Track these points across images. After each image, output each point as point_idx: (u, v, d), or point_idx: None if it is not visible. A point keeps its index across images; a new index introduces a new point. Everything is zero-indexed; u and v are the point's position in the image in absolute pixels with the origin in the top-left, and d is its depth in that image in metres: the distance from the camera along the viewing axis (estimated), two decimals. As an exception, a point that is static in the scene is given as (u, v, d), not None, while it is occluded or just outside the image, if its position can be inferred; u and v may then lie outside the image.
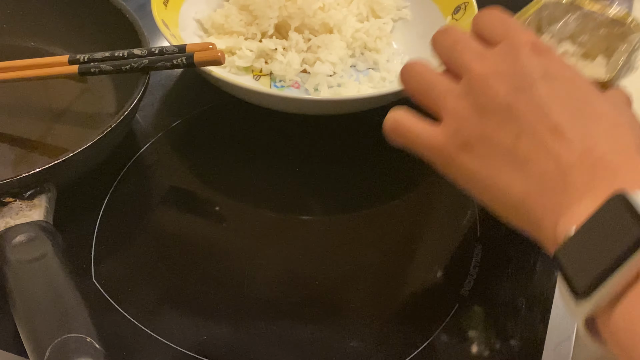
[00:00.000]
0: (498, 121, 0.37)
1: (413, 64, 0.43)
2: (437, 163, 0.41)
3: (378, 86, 0.64)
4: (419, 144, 0.41)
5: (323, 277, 0.50)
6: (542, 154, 0.35)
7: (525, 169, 0.36)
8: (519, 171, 0.36)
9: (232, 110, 0.62)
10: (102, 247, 0.51)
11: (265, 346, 0.46)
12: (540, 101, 0.37)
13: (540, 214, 0.35)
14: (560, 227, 0.33)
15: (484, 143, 0.38)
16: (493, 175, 0.37)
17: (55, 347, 0.37)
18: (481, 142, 0.38)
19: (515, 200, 0.36)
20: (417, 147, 0.41)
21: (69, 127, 0.59)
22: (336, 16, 0.66)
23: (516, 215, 0.37)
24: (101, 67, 0.54)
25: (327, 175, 0.58)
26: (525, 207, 0.36)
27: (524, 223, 0.37)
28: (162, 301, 0.48)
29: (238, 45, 0.65)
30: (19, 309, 0.40)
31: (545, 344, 0.47)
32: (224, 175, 0.58)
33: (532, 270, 0.51)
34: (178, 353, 0.45)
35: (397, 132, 0.42)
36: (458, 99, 0.39)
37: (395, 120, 0.42)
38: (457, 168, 0.39)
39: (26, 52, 0.64)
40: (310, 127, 0.61)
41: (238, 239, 0.53)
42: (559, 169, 0.35)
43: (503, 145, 0.37)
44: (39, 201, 0.46)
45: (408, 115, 0.42)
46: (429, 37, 0.67)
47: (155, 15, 0.61)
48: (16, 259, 0.42)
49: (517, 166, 0.36)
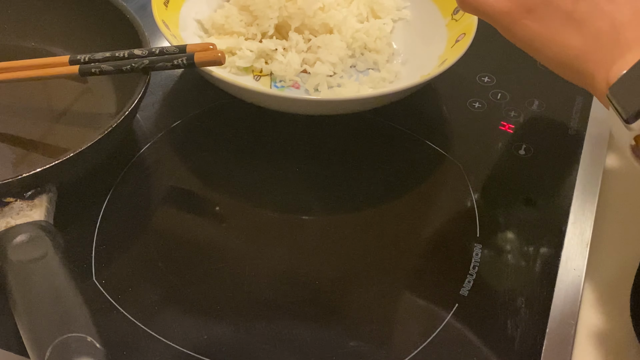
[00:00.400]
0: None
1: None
2: (501, 26, 0.45)
3: (378, 86, 0.64)
4: (487, 8, 0.45)
5: (323, 277, 0.50)
6: (598, 14, 0.41)
7: (582, 29, 0.41)
8: (577, 31, 0.41)
9: (232, 110, 0.62)
10: (103, 247, 0.51)
11: (265, 346, 0.46)
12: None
13: (593, 67, 0.41)
14: (613, 73, 0.39)
15: (546, 7, 0.42)
16: (553, 35, 0.43)
17: (55, 346, 0.37)
18: (544, 6, 0.43)
19: (572, 56, 0.42)
20: (485, 11, 0.45)
21: (70, 127, 0.59)
22: (336, 16, 0.66)
23: (572, 71, 0.43)
24: (102, 68, 0.54)
25: (327, 175, 0.58)
26: (581, 62, 0.41)
27: (579, 77, 0.42)
28: (162, 301, 0.48)
29: (238, 45, 0.65)
30: (19, 308, 0.40)
31: (545, 343, 0.47)
32: (224, 175, 0.58)
33: (532, 270, 0.51)
34: (178, 352, 0.45)
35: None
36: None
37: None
38: (520, 30, 0.44)
39: (27, 52, 0.64)
40: (311, 127, 0.61)
41: (238, 239, 0.53)
42: (613, 27, 0.40)
43: (563, 8, 0.42)
44: (40, 201, 0.46)
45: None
46: (429, 37, 0.68)
47: (155, 15, 0.61)
48: (17, 259, 0.42)
49: (576, 26, 0.41)
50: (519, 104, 0.66)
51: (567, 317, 0.48)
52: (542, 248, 0.53)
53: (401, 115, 0.63)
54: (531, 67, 0.71)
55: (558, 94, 0.68)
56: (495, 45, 0.74)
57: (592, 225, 0.55)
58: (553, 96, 0.67)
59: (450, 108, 0.66)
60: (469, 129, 0.63)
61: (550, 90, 0.68)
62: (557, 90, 0.68)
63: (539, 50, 0.44)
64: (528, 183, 0.58)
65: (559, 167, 0.60)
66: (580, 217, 0.55)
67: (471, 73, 0.69)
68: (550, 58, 0.44)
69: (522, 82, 0.69)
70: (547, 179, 0.59)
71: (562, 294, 0.50)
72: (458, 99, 0.66)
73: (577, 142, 0.62)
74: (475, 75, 0.69)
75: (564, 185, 0.58)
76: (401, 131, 0.62)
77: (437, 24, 0.68)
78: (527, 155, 0.61)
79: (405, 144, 0.61)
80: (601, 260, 0.53)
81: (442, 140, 0.61)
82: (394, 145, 0.61)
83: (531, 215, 0.55)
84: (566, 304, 0.49)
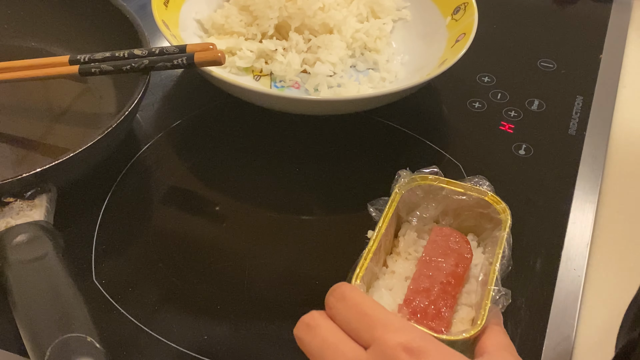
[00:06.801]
0: None
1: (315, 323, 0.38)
2: None
3: (378, 86, 0.64)
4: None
5: (323, 277, 0.50)
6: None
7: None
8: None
9: (232, 110, 0.62)
10: (103, 247, 0.51)
11: (265, 346, 0.46)
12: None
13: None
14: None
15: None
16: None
17: (55, 346, 0.37)
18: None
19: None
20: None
21: (70, 127, 0.59)
22: (336, 16, 0.66)
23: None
24: (102, 67, 0.54)
25: (327, 175, 0.58)
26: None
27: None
28: (162, 301, 0.48)
29: (238, 45, 0.65)
30: (19, 308, 0.40)
31: (545, 343, 0.47)
32: (224, 175, 0.58)
33: (532, 270, 0.51)
34: (178, 352, 0.45)
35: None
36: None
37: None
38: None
39: (27, 52, 0.64)
40: (310, 127, 0.61)
41: (238, 239, 0.53)
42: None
43: None
44: (40, 201, 0.46)
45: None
46: (429, 37, 0.68)
47: (155, 15, 0.61)
48: (17, 259, 0.42)
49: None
50: (519, 104, 0.66)
51: (567, 317, 0.48)
52: (542, 248, 0.53)
53: (401, 115, 0.63)
54: (531, 67, 0.71)
55: (558, 94, 0.68)
56: (495, 45, 0.74)
57: (592, 225, 0.55)
58: (553, 96, 0.67)
59: (450, 108, 0.66)
60: (469, 129, 0.63)
61: (550, 90, 0.68)
62: (557, 90, 0.68)
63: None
64: (528, 183, 0.58)
65: (559, 167, 0.60)
66: (580, 217, 0.55)
67: (471, 73, 0.69)
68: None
69: (522, 82, 0.69)
70: (547, 179, 0.59)
71: (562, 294, 0.50)
72: (458, 99, 0.66)
73: (577, 142, 0.62)
74: (475, 75, 0.69)
75: (564, 185, 0.58)
76: (401, 131, 0.62)
77: (437, 24, 0.68)
78: (527, 155, 0.61)
79: (405, 144, 0.61)
80: (601, 260, 0.53)
81: (442, 140, 0.61)
82: (394, 145, 0.61)
83: (531, 215, 0.55)
84: (566, 304, 0.49)
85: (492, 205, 0.46)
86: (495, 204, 0.46)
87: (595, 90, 0.68)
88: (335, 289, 0.38)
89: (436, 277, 0.43)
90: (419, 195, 0.47)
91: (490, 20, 0.72)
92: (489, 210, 0.46)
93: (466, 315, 0.42)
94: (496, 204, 0.46)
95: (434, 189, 0.47)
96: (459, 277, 0.43)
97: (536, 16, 0.79)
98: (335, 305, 0.38)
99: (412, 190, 0.47)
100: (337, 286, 0.38)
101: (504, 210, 0.45)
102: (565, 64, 0.71)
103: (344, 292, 0.38)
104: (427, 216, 0.47)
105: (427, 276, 0.43)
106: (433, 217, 0.48)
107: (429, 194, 0.47)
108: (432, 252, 0.44)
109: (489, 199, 0.46)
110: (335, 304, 0.38)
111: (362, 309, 0.37)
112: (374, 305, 0.37)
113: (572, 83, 0.69)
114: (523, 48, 0.74)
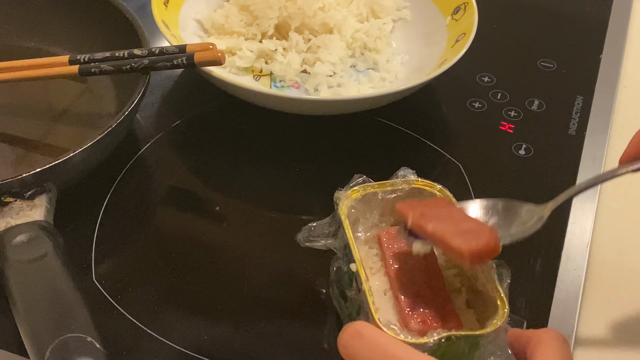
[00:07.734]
0: None
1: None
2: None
3: (378, 86, 0.64)
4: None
5: (323, 277, 0.50)
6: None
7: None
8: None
9: (232, 110, 0.62)
10: (103, 247, 0.51)
11: (265, 346, 0.46)
12: None
13: None
14: None
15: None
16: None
17: (55, 346, 0.37)
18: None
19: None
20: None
21: (69, 127, 0.59)
22: (336, 16, 0.66)
23: None
24: (101, 67, 0.54)
25: (327, 175, 0.58)
26: None
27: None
28: (162, 301, 0.48)
29: (238, 45, 0.65)
30: (19, 308, 0.40)
31: (544, 343, 0.47)
32: (224, 175, 0.58)
33: (532, 270, 0.51)
34: (178, 352, 0.45)
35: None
36: None
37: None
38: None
39: (27, 52, 0.64)
40: (310, 127, 0.61)
41: (238, 239, 0.53)
42: None
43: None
44: (40, 201, 0.46)
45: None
46: (429, 37, 0.68)
47: (155, 15, 0.61)
48: (17, 259, 0.42)
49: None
50: (519, 104, 0.66)
51: (567, 317, 0.48)
52: (542, 248, 0.53)
53: (401, 115, 0.63)
54: (531, 67, 0.71)
55: (558, 94, 0.68)
56: (495, 45, 0.74)
57: (592, 225, 0.55)
58: (553, 96, 0.67)
59: (450, 108, 0.66)
60: (469, 129, 0.63)
61: (550, 90, 0.68)
62: (557, 90, 0.68)
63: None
64: (528, 183, 0.58)
65: (559, 167, 0.60)
66: (580, 217, 0.55)
67: (471, 73, 0.69)
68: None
69: (522, 82, 0.69)
70: (547, 179, 0.59)
71: (562, 294, 0.50)
72: (458, 99, 0.66)
73: (577, 142, 0.62)
74: (475, 75, 0.69)
75: (564, 185, 0.58)
76: (401, 131, 0.62)
77: (437, 24, 0.68)
78: (527, 155, 0.61)
79: (405, 144, 0.61)
80: (601, 260, 0.53)
81: (442, 140, 0.61)
82: (394, 145, 0.61)
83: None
84: (566, 304, 0.49)
85: (424, 189, 0.45)
86: (428, 188, 0.45)
87: (595, 90, 0.68)
88: (347, 327, 0.36)
89: (416, 278, 0.42)
90: (359, 208, 0.46)
91: (490, 20, 0.72)
92: (423, 196, 0.45)
93: (461, 304, 0.42)
94: (428, 187, 0.45)
95: (368, 197, 0.46)
96: (435, 268, 0.43)
97: (536, 16, 0.79)
98: (351, 344, 0.35)
99: (350, 207, 0.45)
100: (348, 325, 0.36)
101: (435, 187, 0.45)
102: (565, 64, 0.71)
103: (359, 329, 0.35)
104: (370, 225, 0.47)
105: (409, 280, 0.42)
106: (374, 224, 0.47)
107: (367, 203, 0.46)
108: (394, 257, 0.43)
109: (418, 184, 0.46)
110: (351, 342, 0.35)
111: (386, 348, 0.34)
112: (397, 343, 0.35)
113: (572, 83, 0.69)
114: (523, 48, 0.74)
